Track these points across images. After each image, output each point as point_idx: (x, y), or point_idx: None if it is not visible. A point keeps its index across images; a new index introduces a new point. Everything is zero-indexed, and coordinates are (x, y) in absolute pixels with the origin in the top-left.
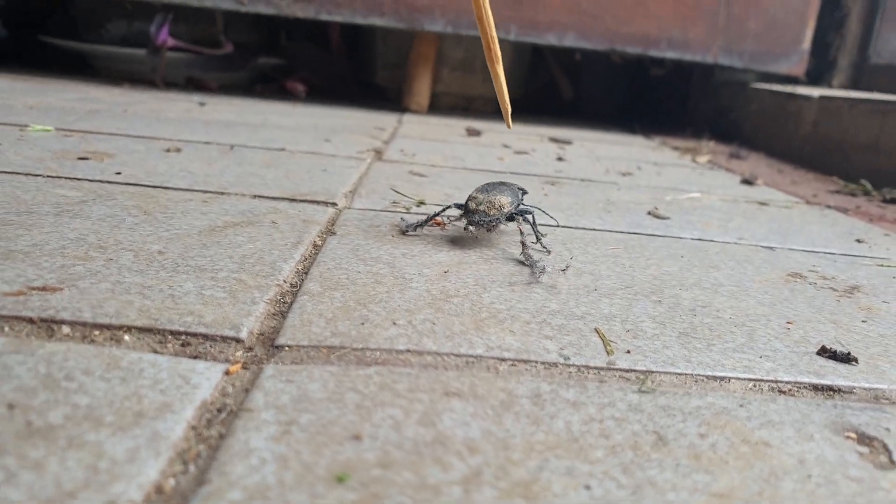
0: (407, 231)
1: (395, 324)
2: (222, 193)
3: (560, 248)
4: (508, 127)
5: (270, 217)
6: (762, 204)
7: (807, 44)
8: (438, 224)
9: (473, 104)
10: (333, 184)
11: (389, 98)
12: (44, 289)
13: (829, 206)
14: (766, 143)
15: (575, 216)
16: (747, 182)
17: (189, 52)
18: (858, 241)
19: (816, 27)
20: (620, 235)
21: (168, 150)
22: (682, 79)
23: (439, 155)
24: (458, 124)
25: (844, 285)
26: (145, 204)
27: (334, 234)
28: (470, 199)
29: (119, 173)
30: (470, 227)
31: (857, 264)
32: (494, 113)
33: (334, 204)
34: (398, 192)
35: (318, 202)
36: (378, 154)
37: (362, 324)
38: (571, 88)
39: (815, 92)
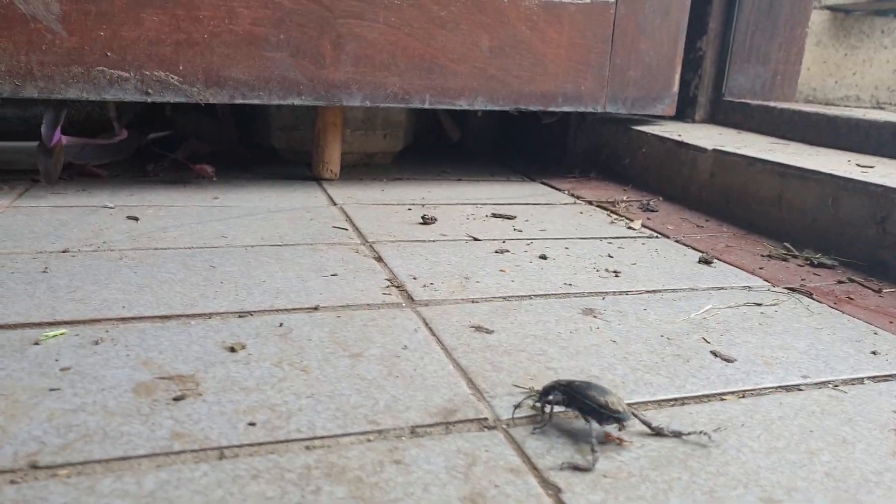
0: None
1: None
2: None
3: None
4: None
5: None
6: (758, 305)
7: (676, 87)
8: (614, 440)
9: (374, 159)
10: (445, 378)
11: (288, 161)
12: None
13: (796, 292)
14: (658, 186)
15: (648, 374)
16: (706, 262)
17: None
18: (874, 353)
19: (682, 70)
20: (736, 403)
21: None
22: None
23: (453, 278)
24: (400, 206)
25: None
26: None
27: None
28: (602, 400)
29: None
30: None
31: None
32: (401, 167)
33: (491, 426)
34: (518, 387)
35: (469, 421)
36: (401, 291)
37: None
38: (458, 131)
39: (707, 144)
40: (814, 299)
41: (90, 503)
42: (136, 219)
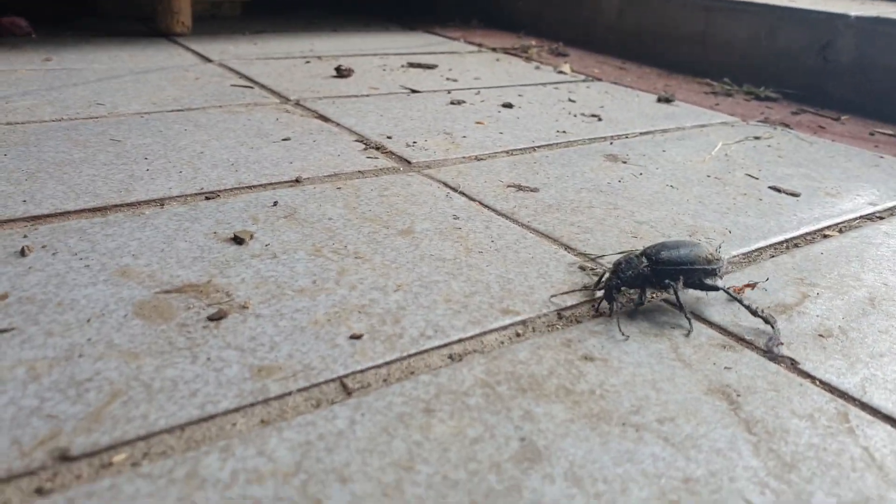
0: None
1: None
2: None
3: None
4: None
5: None
6: (756, 139)
7: None
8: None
9: (221, 10)
10: (537, 248)
11: (111, 14)
12: None
13: (774, 125)
14: (555, 31)
15: (732, 215)
16: (667, 101)
17: None
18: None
19: None
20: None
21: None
22: None
23: (432, 135)
24: (293, 59)
25: None
26: None
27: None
28: (706, 253)
29: None
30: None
31: None
32: (257, 20)
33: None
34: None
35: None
36: (387, 154)
37: None
38: None
39: None
40: (793, 131)
41: (247, 501)
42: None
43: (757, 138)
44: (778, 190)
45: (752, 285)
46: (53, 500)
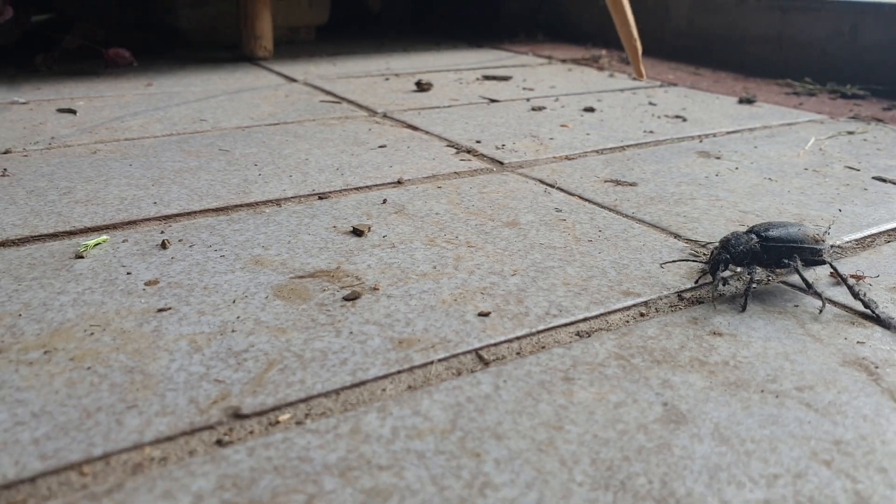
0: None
1: None
2: None
3: None
4: (641, 77)
5: None
6: (850, 133)
7: None
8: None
9: (299, 35)
10: (646, 236)
11: (197, 44)
12: None
13: (867, 121)
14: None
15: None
16: (748, 102)
17: None
18: None
19: None
20: None
21: None
22: None
23: (520, 138)
24: (371, 77)
25: None
26: None
27: None
28: (813, 233)
29: None
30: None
31: None
32: (331, 43)
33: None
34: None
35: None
36: (479, 156)
37: None
38: (379, 0)
39: None
40: (888, 125)
41: (377, 456)
42: (71, 111)
43: (850, 133)
44: (883, 180)
45: (861, 277)
46: (235, 450)
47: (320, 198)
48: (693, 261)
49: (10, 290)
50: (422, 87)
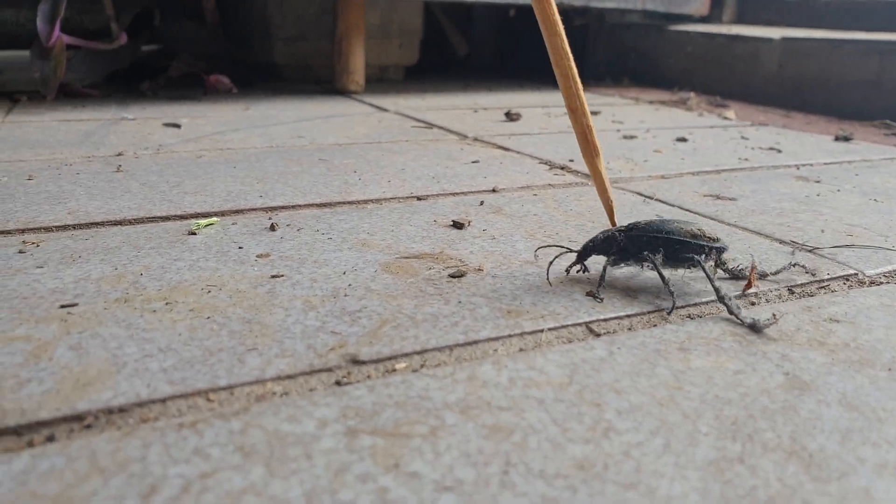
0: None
1: None
2: None
3: None
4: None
5: None
6: None
7: None
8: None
9: (387, 74)
10: (752, 240)
11: (291, 78)
12: None
13: None
14: (709, 85)
15: None
16: (845, 139)
17: (77, 48)
18: None
19: None
20: None
21: None
22: (566, 22)
23: (614, 160)
24: (459, 110)
25: None
26: None
27: None
28: (693, 228)
29: None
30: None
31: None
32: (418, 82)
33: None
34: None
35: (840, 279)
36: (573, 172)
37: None
38: (465, 45)
39: (773, 34)
40: None
41: (496, 399)
42: (176, 126)
43: None
44: None
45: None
46: (355, 387)
47: (418, 199)
48: (568, 251)
49: (131, 256)
50: (511, 116)
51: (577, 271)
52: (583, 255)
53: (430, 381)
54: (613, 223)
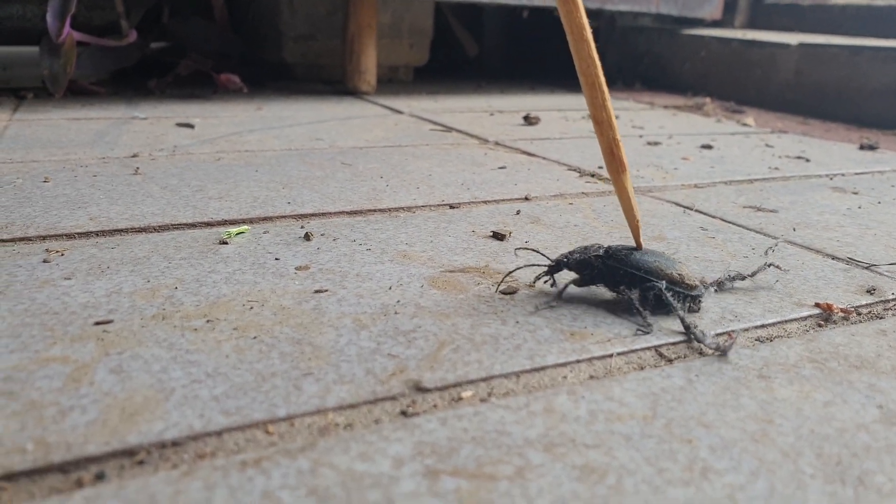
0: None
1: None
2: None
3: None
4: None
5: None
6: None
7: None
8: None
9: (397, 74)
10: (801, 256)
11: (301, 77)
12: None
13: None
14: (723, 90)
15: None
16: (871, 148)
17: (86, 45)
18: None
19: None
20: None
21: None
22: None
23: (644, 167)
24: (475, 113)
25: None
26: None
27: None
28: (673, 271)
29: None
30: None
31: None
32: (430, 83)
33: None
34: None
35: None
36: (597, 178)
37: None
38: (475, 46)
39: (789, 39)
40: None
41: (580, 435)
42: (190, 126)
43: None
44: None
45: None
46: (426, 419)
47: (451, 207)
48: (539, 264)
49: (162, 267)
50: (529, 120)
51: (545, 282)
52: (555, 269)
53: (505, 414)
54: (639, 244)
